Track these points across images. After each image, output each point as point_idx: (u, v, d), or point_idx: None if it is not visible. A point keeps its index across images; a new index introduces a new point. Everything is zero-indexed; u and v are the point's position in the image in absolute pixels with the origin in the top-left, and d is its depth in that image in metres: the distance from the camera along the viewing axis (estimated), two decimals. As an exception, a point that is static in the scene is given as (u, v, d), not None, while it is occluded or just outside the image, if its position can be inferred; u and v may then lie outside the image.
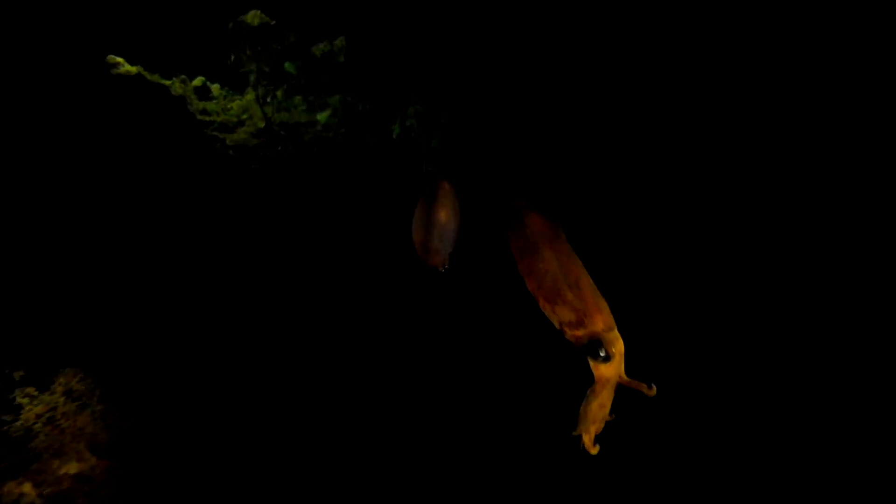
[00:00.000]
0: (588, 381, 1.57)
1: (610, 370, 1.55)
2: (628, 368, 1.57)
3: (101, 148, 2.28)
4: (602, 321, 1.57)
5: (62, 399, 1.83)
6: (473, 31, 2.13)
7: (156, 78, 2.33)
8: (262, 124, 2.44)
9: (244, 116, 2.42)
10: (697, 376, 1.82)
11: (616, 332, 1.57)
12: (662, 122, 1.84)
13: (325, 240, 2.36)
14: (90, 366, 1.94)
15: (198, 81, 2.40)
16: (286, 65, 2.35)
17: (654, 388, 1.52)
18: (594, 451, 1.53)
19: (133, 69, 2.30)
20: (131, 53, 2.26)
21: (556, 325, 1.60)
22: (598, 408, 1.53)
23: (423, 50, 2.26)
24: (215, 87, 2.41)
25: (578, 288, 1.57)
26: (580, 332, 1.57)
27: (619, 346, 1.56)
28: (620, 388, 1.56)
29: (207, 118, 2.41)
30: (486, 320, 1.93)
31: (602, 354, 1.54)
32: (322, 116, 2.45)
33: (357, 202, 2.39)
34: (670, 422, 1.81)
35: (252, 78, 2.39)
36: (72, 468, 1.69)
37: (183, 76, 2.35)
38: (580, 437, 1.53)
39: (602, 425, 1.53)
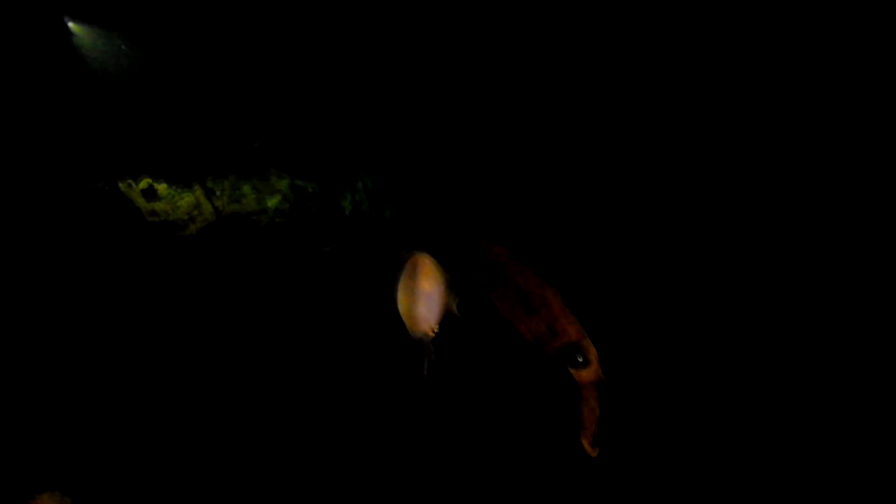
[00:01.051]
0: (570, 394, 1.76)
1: (590, 374, 1.76)
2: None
3: (53, 258, 2.22)
4: (574, 331, 1.79)
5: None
6: (409, 102, 2.41)
7: (100, 186, 2.36)
8: (213, 218, 2.51)
9: (194, 213, 2.49)
10: (675, 374, 2.05)
11: (588, 340, 1.80)
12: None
13: (305, 321, 2.41)
14: (68, 485, 1.80)
15: (144, 184, 2.45)
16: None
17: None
18: (594, 453, 1.70)
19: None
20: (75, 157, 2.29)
21: (532, 340, 1.80)
22: (590, 411, 1.72)
23: (366, 126, 2.50)
24: (162, 187, 2.48)
25: (547, 304, 1.79)
26: (556, 344, 1.78)
27: (593, 352, 1.78)
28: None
29: (157, 219, 2.45)
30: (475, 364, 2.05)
31: (580, 360, 1.75)
32: (272, 202, 2.58)
33: (327, 281, 2.49)
34: (654, 420, 2.02)
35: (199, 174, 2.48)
36: None
37: (129, 180, 2.40)
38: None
39: (596, 426, 1.71)
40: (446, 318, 1.80)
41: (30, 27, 2.10)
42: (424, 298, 1.80)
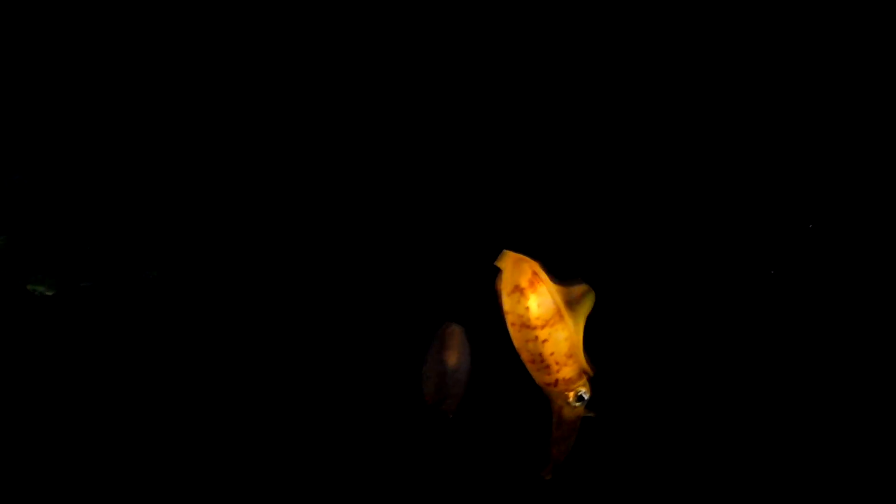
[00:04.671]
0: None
1: (581, 409, 1.65)
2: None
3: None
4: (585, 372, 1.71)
5: None
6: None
7: None
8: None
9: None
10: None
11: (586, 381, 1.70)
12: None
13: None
14: None
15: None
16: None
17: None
18: (548, 477, 1.57)
19: None
20: None
21: (552, 383, 1.64)
22: (566, 445, 1.62)
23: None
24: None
25: (579, 347, 1.70)
26: (577, 384, 1.66)
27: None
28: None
29: None
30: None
31: (587, 398, 1.63)
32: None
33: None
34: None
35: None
36: None
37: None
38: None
39: (563, 458, 1.61)
40: (467, 397, 1.64)
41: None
42: (451, 375, 1.66)
